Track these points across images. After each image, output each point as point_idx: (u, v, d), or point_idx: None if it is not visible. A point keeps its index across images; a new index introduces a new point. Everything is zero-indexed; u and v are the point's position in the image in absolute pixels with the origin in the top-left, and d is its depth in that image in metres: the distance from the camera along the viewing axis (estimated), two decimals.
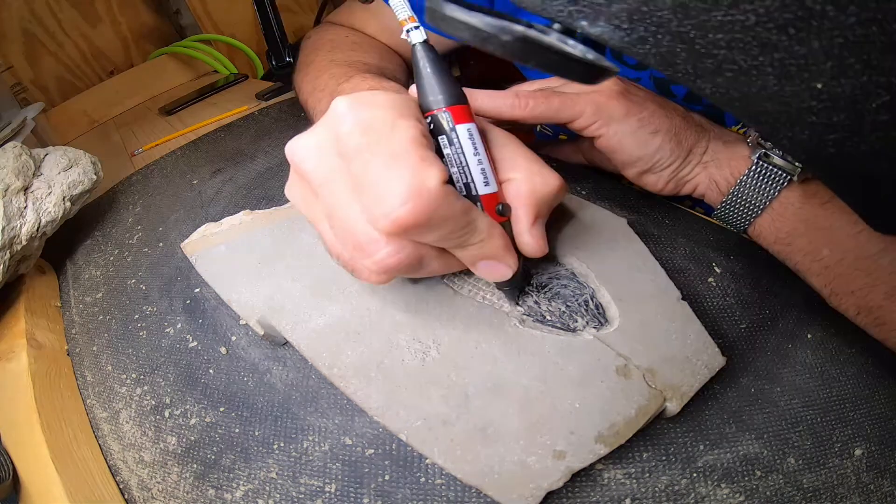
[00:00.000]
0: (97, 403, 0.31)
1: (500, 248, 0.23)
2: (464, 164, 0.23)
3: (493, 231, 0.23)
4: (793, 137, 0.17)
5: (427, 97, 0.23)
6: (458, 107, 0.23)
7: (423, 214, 0.19)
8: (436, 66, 0.23)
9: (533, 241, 0.24)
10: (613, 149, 0.31)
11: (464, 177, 0.23)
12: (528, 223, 0.24)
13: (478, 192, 0.23)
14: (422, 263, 0.23)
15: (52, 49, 0.80)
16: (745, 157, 0.30)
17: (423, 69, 0.23)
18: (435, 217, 0.20)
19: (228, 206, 0.43)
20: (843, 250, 0.28)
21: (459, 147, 0.23)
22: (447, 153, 0.23)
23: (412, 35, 0.23)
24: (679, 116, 0.31)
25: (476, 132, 0.23)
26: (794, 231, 0.29)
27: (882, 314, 0.27)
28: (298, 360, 0.28)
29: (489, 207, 0.24)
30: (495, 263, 0.24)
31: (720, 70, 0.16)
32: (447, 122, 0.23)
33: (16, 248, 0.36)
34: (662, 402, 0.23)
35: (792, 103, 0.16)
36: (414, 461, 0.24)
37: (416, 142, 0.20)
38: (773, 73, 0.15)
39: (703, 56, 0.16)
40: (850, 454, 0.24)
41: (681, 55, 0.16)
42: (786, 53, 0.15)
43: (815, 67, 0.15)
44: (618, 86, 0.31)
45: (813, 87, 0.15)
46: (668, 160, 0.31)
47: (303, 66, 0.50)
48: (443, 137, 0.23)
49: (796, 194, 0.29)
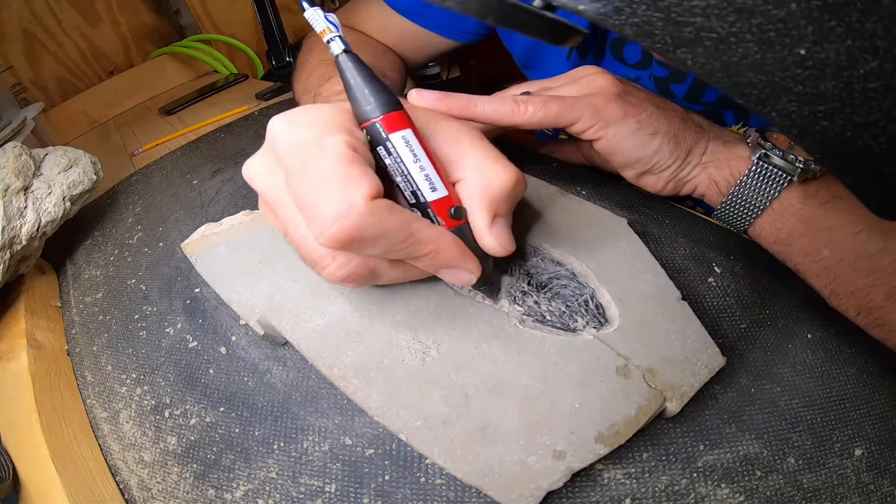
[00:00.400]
0: (97, 403, 0.31)
1: (453, 257, 0.23)
2: (405, 172, 0.22)
3: (441, 241, 0.22)
4: (781, 110, 0.16)
5: (359, 108, 0.22)
6: (391, 114, 0.22)
7: (354, 232, 0.20)
8: (363, 75, 0.22)
9: (494, 240, 0.23)
10: (612, 151, 0.31)
11: (409, 185, 0.23)
12: (486, 223, 0.23)
13: (426, 199, 0.23)
14: (375, 274, 0.23)
15: (52, 49, 0.80)
16: (744, 157, 0.30)
17: (350, 80, 0.22)
18: (367, 233, 0.20)
19: (228, 206, 0.43)
20: (842, 251, 0.28)
21: (398, 156, 0.22)
22: (388, 163, 0.23)
23: (332, 46, 0.23)
24: (678, 117, 0.31)
25: (413, 138, 0.22)
26: (793, 231, 0.29)
27: (882, 314, 0.27)
28: (298, 360, 0.28)
29: (441, 212, 0.23)
30: (455, 271, 0.23)
31: (699, 39, 0.15)
32: (381, 131, 0.22)
33: (16, 248, 0.36)
34: (662, 402, 0.23)
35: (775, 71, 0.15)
36: (414, 461, 0.24)
37: (344, 159, 0.20)
38: (752, 39, 0.15)
39: (680, 25, 0.15)
40: (850, 454, 0.24)
41: (657, 24, 0.15)
42: (763, 18, 0.14)
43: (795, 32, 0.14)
44: (616, 87, 0.31)
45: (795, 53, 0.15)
46: (667, 161, 0.31)
47: (298, 66, 0.51)
48: (380, 148, 0.22)
49: (796, 195, 0.29)
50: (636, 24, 0.16)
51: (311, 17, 0.23)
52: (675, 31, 0.15)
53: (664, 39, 0.16)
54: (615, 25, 0.16)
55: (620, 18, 0.16)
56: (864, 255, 0.27)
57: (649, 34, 0.16)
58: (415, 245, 0.22)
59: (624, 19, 0.16)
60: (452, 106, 0.28)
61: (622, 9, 0.16)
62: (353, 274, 0.22)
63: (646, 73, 0.44)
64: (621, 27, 0.16)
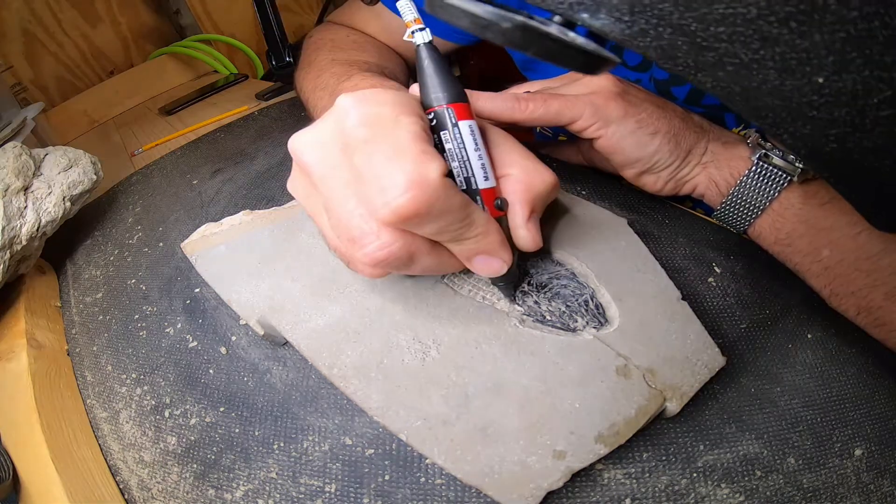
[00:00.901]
0: (97, 403, 0.31)
1: (496, 243, 0.24)
2: (465, 158, 0.24)
3: (489, 226, 0.23)
4: (794, 132, 0.16)
5: (430, 94, 0.24)
6: (460, 104, 0.24)
7: (424, 204, 0.20)
8: (439, 65, 0.24)
9: (528, 234, 0.25)
10: (612, 150, 0.31)
11: (465, 171, 0.24)
12: (524, 217, 0.25)
13: (478, 187, 0.24)
14: (413, 259, 0.23)
15: (52, 49, 0.80)
16: (744, 157, 0.30)
17: (427, 68, 0.24)
18: (434, 208, 0.20)
19: (228, 206, 0.43)
20: (842, 251, 0.28)
21: (461, 142, 0.24)
22: (449, 148, 0.24)
23: (417, 36, 0.24)
24: (678, 117, 0.31)
25: (477, 129, 0.24)
26: (793, 232, 0.29)
27: (882, 315, 0.27)
28: (298, 360, 0.28)
29: (488, 202, 0.24)
30: (490, 258, 0.24)
31: (721, 64, 0.16)
32: (450, 118, 0.24)
33: (16, 248, 0.36)
34: (662, 402, 0.23)
35: (793, 98, 0.15)
36: (414, 461, 0.24)
37: (418, 136, 0.21)
38: (774, 66, 0.15)
39: (704, 49, 0.15)
40: (850, 454, 0.24)
41: (682, 48, 0.16)
42: (787, 47, 0.15)
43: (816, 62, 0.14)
44: (616, 87, 0.31)
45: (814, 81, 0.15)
46: (666, 161, 0.31)
47: (305, 65, 0.50)
48: (445, 133, 0.24)
49: (796, 195, 0.29)
50: (661, 47, 0.16)
51: (403, 6, 0.24)
52: (698, 55, 0.16)
53: (687, 63, 0.16)
54: (639, 48, 0.16)
55: (645, 41, 0.16)
56: (864, 255, 0.27)
57: (673, 57, 0.16)
58: (468, 226, 0.22)
59: (649, 42, 0.16)
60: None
61: (648, 31, 0.16)
62: (393, 254, 0.22)
63: (646, 75, 0.44)
64: (646, 49, 0.16)
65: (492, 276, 0.25)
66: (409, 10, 0.24)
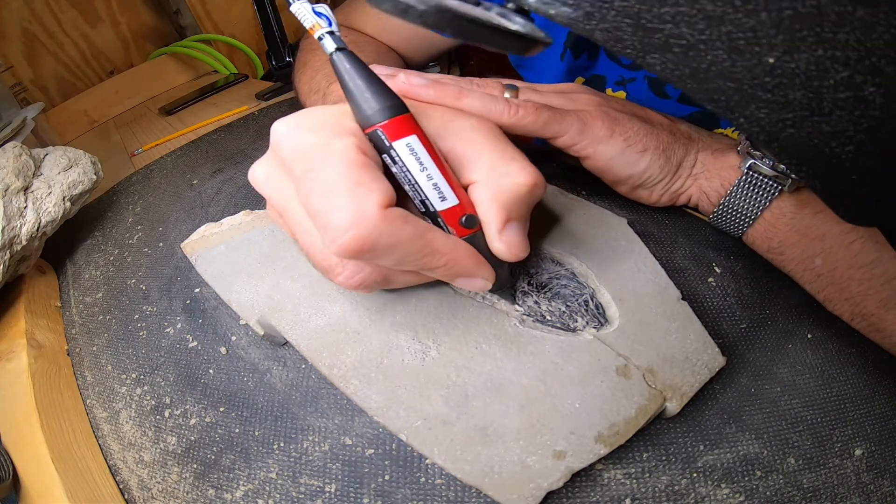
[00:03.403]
0: (97, 403, 0.31)
1: (469, 267, 0.22)
2: (412, 181, 0.21)
3: (456, 252, 0.22)
4: (749, 116, 0.16)
5: (359, 112, 0.21)
6: (394, 119, 0.20)
7: (367, 242, 0.19)
8: (361, 76, 0.21)
9: (504, 247, 0.22)
10: (602, 169, 0.31)
11: (417, 194, 0.21)
12: (497, 228, 0.22)
13: (435, 209, 0.22)
14: (388, 280, 0.23)
15: (52, 49, 0.80)
16: (734, 167, 0.30)
17: (347, 81, 0.21)
18: (380, 243, 0.19)
19: (228, 206, 0.43)
20: (835, 260, 0.28)
21: (403, 165, 0.21)
22: (394, 171, 0.21)
23: (324, 44, 0.21)
24: (666, 131, 0.31)
25: (418, 144, 0.21)
26: (786, 240, 0.29)
27: (875, 321, 0.27)
28: (298, 360, 0.28)
29: (452, 222, 0.22)
30: (470, 280, 0.23)
31: (668, 45, 0.15)
32: (383, 139, 0.21)
33: (16, 248, 0.36)
34: (662, 402, 0.23)
35: (744, 79, 0.15)
36: (414, 461, 0.24)
37: (353, 164, 0.20)
38: (722, 47, 0.15)
39: (649, 31, 0.15)
40: (850, 454, 0.24)
41: (627, 30, 0.15)
42: (733, 27, 0.14)
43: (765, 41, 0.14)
44: (601, 104, 0.30)
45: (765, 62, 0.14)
46: (657, 176, 0.31)
47: (300, 66, 0.50)
48: (385, 156, 0.21)
49: (788, 204, 0.29)
50: (606, 29, 0.16)
51: (299, 11, 0.21)
52: (644, 37, 0.15)
53: (633, 45, 0.16)
54: (586, 30, 0.16)
55: (591, 24, 0.16)
56: (857, 264, 0.27)
57: (619, 39, 0.16)
58: (430, 256, 0.21)
59: (594, 24, 0.16)
60: (442, 95, 0.26)
61: (592, 14, 0.16)
62: (365, 282, 0.22)
63: (640, 73, 0.44)
64: (591, 32, 0.16)
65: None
66: (307, 15, 0.21)
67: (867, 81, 0.14)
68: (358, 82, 0.21)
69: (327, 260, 0.22)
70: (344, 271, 0.22)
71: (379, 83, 0.21)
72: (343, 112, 0.22)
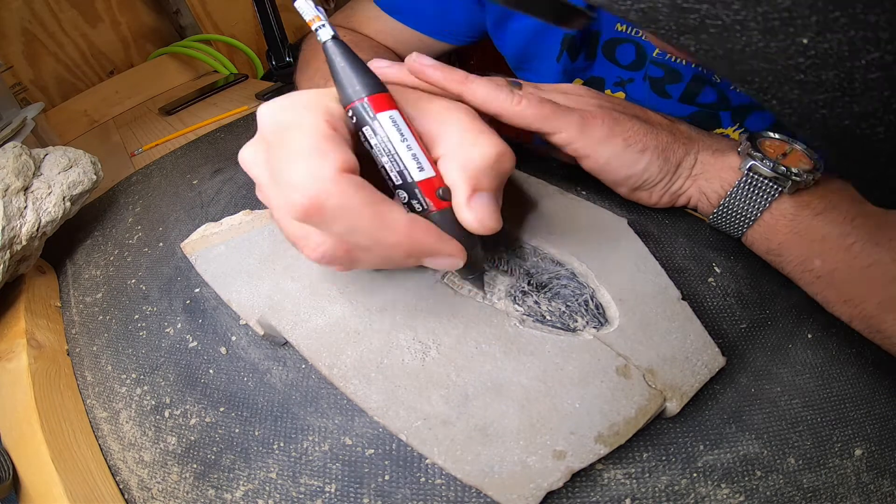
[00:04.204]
0: (97, 403, 0.31)
1: (427, 243, 0.22)
2: (393, 151, 0.22)
3: (415, 226, 0.22)
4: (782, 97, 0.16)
5: (344, 90, 0.23)
6: (377, 95, 0.22)
7: (317, 201, 0.20)
8: (349, 60, 0.23)
9: (472, 215, 0.22)
10: (601, 170, 0.31)
11: (396, 164, 0.23)
12: (464, 197, 0.22)
13: (413, 179, 0.22)
14: (353, 258, 0.23)
15: (52, 49, 0.80)
16: (734, 168, 0.30)
17: (336, 64, 0.23)
18: (329, 204, 0.20)
19: (228, 206, 0.43)
20: (834, 262, 0.27)
21: (385, 135, 0.22)
22: (374, 143, 0.23)
23: (320, 33, 0.23)
24: (665, 131, 0.31)
25: (399, 118, 0.23)
26: (785, 242, 0.29)
27: (875, 323, 0.27)
28: (298, 360, 0.28)
29: (429, 193, 0.23)
30: (437, 258, 0.23)
31: (703, 26, 0.15)
32: (367, 111, 0.22)
33: (16, 248, 0.36)
34: (662, 402, 0.23)
35: (778, 60, 0.15)
36: (414, 461, 0.24)
37: (318, 133, 0.21)
38: (756, 27, 0.15)
39: (685, 11, 0.15)
40: (850, 454, 0.24)
41: (662, 11, 0.16)
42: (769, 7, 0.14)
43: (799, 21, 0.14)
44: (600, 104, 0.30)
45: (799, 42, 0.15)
46: (657, 177, 0.31)
47: (302, 66, 0.51)
48: (367, 128, 0.22)
49: (788, 206, 0.29)
50: (641, 9, 0.16)
51: (301, 6, 0.23)
52: (679, 17, 0.15)
53: (668, 26, 0.16)
54: (621, 11, 0.16)
55: (626, 4, 0.16)
56: (856, 266, 0.27)
57: (654, 20, 0.16)
58: (383, 230, 0.21)
59: (630, 4, 0.16)
60: (448, 78, 0.27)
61: None
62: (327, 254, 0.22)
63: (639, 73, 0.44)
64: (626, 12, 0.16)
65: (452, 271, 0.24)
66: (309, 9, 0.23)
67: None
68: (346, 65, 0.23)
69: (294, 230, 0.22)
70: (308, 242, 0.22)
71: (364, 67, 0.23)
72: (322, 93, 0.23)
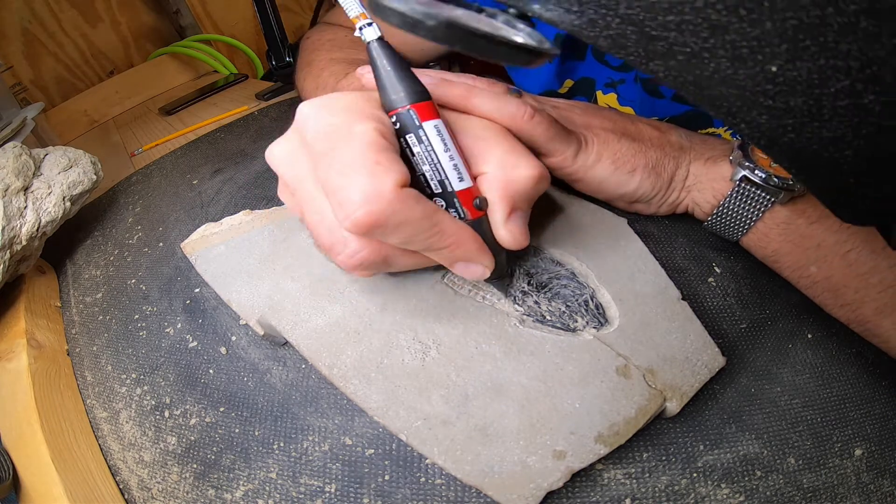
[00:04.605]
0: (97, 403, 0.31)
1: (472, 251, 0.23)
2: (435, 161, 0.23)
3: (461, 234, 0.23)
4: (751, 122, 0.16)
5: (389, 96, 0.23)
6: (423, 103, 0.22)
7: (380, 218, 0.20)
8: (394, 63, 0.22)
9: (509, 234, 0.24)
10: (594, 191, 0.31)
11: (437, 174, 0.23)
12: (503, 216, 0.24)
13: (453, 189, 0.23)
14: (388, 262, 0.23)
15: (52, 49, 0.80)
16: (725, 178, 0.30)
17: (381, 68, 0.23)
18: (392, 220, 0.20)
19: (228, 206, 0.43)
20: (831, 268, 0.27)
21: (429, 144, 0.22)
22: (417, 151, 0.23)
23: (365, 32, 0.22)
24: (654, 147, 0.30)
25: (444, 128, 0.23)
26: (780, 249, 0.29)
27: (872, 327, 0.27)
28: (298, 360, 0.28)
29: (466, 203, 0.23)
30: (469, 265, 0.24)
31: (671, 53, 0.15)
32: (414, 119, 0.22)
33: (16, 248, 0.36)
34: (662, 402, 0.23)
35: (747, 86, 0.15)
36: (414, 461, 0.24)
37: (373, 146, 0.21)
38: (725, 55, 0.15)
39: (653, 39, 0.15)
40: (850, 454, 0.24)
41: (631, 38, 0.16)
42: (737, 35, 0.14)
43: (769, 50, 0.14)
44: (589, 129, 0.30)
45: (768, 69, 0.15)
46: (650, 192, 0.31)
47: (304, 66, 0.50)
48: (411, 136, 0.23)
49: (782, 214, 0.28)
50: (610, 36, 0.16)
51: (346, 2, 0.23)
52: (648, 44, 0.16)
53: (637, 52, 0.16)
54: (590, 37, 0.16)
55: (595, 31, 0.16)
56: (853, 273, 0.27)
57: (623, 46, 0.16)
58: (437, 236, 0.22)
59: (598, 32, 0.16)
60: (448, 95, 0.26)
61: (596, 21, 0.16)
62: (365, 261, 0.22)
63: (630, 74, 0.44)
64: (595, 39, 0.16)
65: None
66: (353, 5, 0.22)
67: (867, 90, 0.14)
68: (392, 68, 0.22)
69: (332, 238, 0.22)
70: (345, 250, 0.22)
71: (409, 71, 0.23)
72: (366, 98, 0.23)
